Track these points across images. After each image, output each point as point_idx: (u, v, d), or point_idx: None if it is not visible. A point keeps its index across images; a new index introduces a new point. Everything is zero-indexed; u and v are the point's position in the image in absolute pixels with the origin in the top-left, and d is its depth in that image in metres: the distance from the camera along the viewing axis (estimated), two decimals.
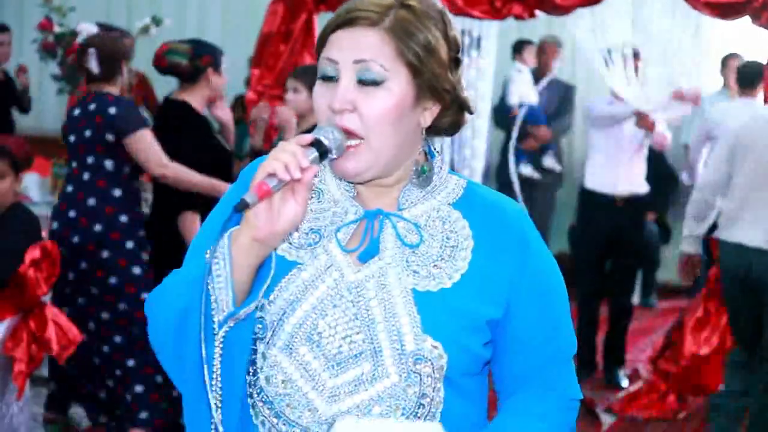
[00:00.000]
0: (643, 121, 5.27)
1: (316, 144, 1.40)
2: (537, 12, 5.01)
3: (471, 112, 1.54)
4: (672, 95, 5.25)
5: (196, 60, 4.18)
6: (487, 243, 1.49)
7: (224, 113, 4.53)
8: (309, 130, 1.47)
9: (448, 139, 5.62)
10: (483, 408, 1.55)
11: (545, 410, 1.52)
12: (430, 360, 1.43)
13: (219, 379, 1.42)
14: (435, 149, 1.56)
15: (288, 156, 1.37)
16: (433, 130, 1.53)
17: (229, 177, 4.21)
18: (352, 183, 1.52)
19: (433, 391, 1.44)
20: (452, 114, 1.52)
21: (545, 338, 1.52)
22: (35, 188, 5.40)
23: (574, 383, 1.58)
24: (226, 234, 1.41)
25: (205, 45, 4.33)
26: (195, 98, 4.21)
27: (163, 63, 4.19)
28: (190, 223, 4.09)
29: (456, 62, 1.50)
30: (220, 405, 1.43)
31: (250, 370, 1.48)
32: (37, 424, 4.19)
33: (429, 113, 1.49)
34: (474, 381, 1.51)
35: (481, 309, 1.47)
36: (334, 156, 1.43)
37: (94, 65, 4.11)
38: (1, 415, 3.53)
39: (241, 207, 1.35)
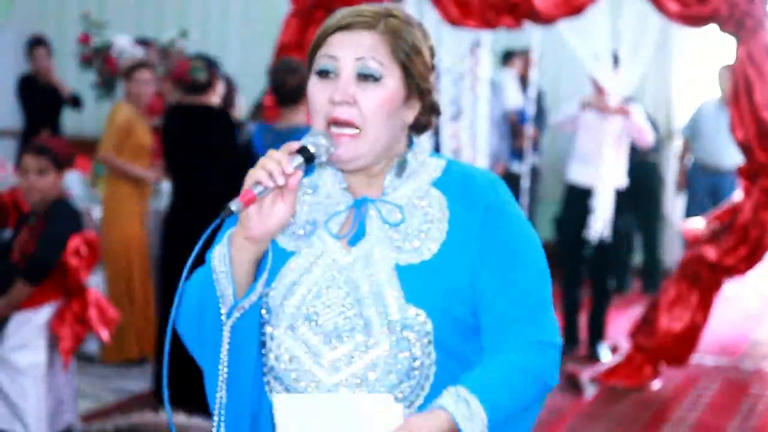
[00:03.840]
0: (603, 107, 5.24)
1: (303, 150, 1.42)
2: (525, 22, 5.02)
3: (439, 114, 1.55)
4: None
5: (208, 73, 4.36)
6: (461, 213, 1.49)
7: None
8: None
9: (450, 141, 5.64)
10: None
11: (515, 354, 1.44)
12: (414, 327, 1.43)
13: (225, 365, 1.45)
14: (414, 138, 1.57)
15: (273, 164, 1.38)
16: (410, 129, 1.54)
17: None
18: (343, 172, 1.52)
19: (423, 355, 1.44)
20: (426, 115, 1.54)
21: (513, 283, 1.46)
22: (77, 185, 5.43)
23: (551, 327, 1.48)
24: (226, 234, 1.44)
25: (209, 58, 4.52)
26: (211, 102, 4.38)
27: (187, 80, 4.35)
28: None
29: (432, 67, 1.53)
30: (225, 387, 1.46)
31: (263, 351, 1.51)
32: (80, 395, 4.22)
33: (412, 112, 1.51)
34: (467, 343, 1.48)
35: (461, 274, 1.46)
36: (323, 160, 1.44)
37: None
38: (50, 388, 3.57)
39: (227, 213, 1.37)
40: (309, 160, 1.42)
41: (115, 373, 4.93)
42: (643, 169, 6.56)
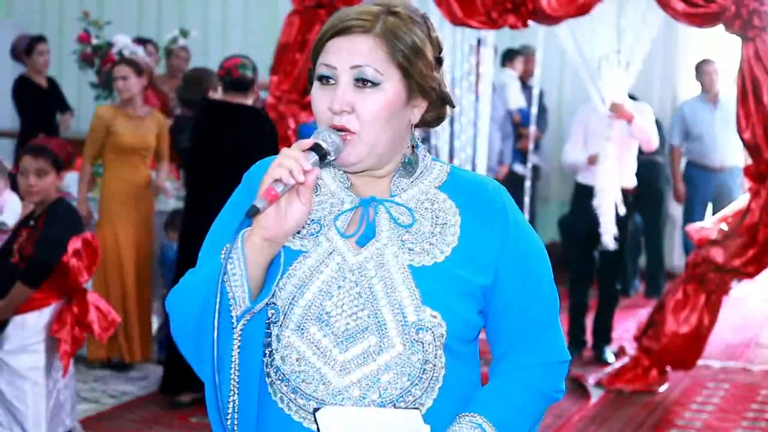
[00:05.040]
0: (619, 111, 5.22)
1: (316, 148, 1.41)
2: (530, 22, 5.00)
3: (453, 106, 1.55)
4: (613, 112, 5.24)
5: (254, 71, 4.45)
6: (473, 218, 1.50)
7: None
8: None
9: (452, 138, 5.63)
10: (478, 371, 1.55)
11: (530, 376, 1.51)
12: (430, 329, 1.44)
13: (237, 368, 1.43)
14: (417, 139, 1.56)
15: (292, 162, 1.38)
16: (420, 124, 1.54)
17: None
18: (347, 174, 1.52)
19: (435, 358, 1.45)
20: (436, 108, 1.53)
21: (530, 300, 1.51)
22: (76, 185, 5.41)
23: (561, 345, 1.56)
24: (239, 235, 1.42)
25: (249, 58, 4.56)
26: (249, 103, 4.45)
27: (235, 74, 4.39)
28: None
29: (439, 61, 1.51)
30: (237, 391, 1.43)
31: (266, 351, 1.48)
32: (79, 399, 4.21)
33: (418, 110, 1.50)
34: (469, 347, 1.51)
35: (473, 278, 1.47)
36: (333, 158, 1.44)
37: None
38: (49, 391, 3.55)
39: (253, 212, 1.36)
40: (322, 157, 1.42)
41: (114, 377, 4.92)
42: (649, 169, 6.55)
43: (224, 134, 4.34)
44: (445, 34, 5.18)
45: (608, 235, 5.27)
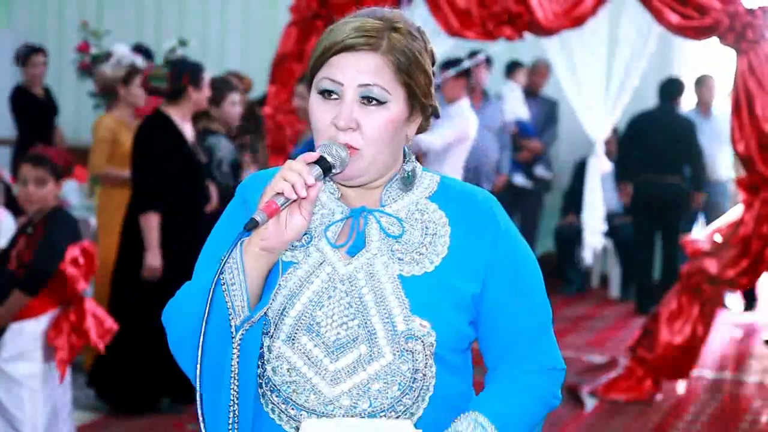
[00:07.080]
0: None
1: (321, 161, 1.41)
2: (525, 34, 5.03)
3: (438, 117, 1.56)
4: None
5: (176, 81, 4.41)
6: (462, 228, 1.50)
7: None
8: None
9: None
10: (470, 382, 1.56)
11: (526, 381, 1.51)
12: (420, 338, 1.44)
13: (237, 378, 1.43)
14: (408, 150, 1.57)
15: (294, 176, 1.38)
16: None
17: (199, 186, 4.52)
18: (338, 184, 1.52)
19: (425, 367, 1.46)
20: (426, 122, 1.55)
21: (520, 308, 1.51)
22: (74, 194, 5.42)
23: (555, 353, 1.55)
24: (237, 245, 1.42)
25: (185, 65, 4.58)
26: (177, 112, 4.44)
27: (146, 87, 4.68)
28: (153, 222, 4.32)
29: (433, 73, 1.53)
30: (237, 401, 1.43)
31: (258, 363, 1.49)
32: (76, 406, 4.21)
33: (414, 125, 1.52)
34: (461, 357, 1.51)
35: (463, 287, 1.48)
36: (338, 171, 1.44)
37: None
38: (46, 398, 3.55)
39: (252, 226, 1.36)
40: (327, 170, 1.42)
41: None
42: (674, 191, 6.55)
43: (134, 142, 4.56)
44: (438, 45, 5.21)
45: (588, 249, 5.29)
